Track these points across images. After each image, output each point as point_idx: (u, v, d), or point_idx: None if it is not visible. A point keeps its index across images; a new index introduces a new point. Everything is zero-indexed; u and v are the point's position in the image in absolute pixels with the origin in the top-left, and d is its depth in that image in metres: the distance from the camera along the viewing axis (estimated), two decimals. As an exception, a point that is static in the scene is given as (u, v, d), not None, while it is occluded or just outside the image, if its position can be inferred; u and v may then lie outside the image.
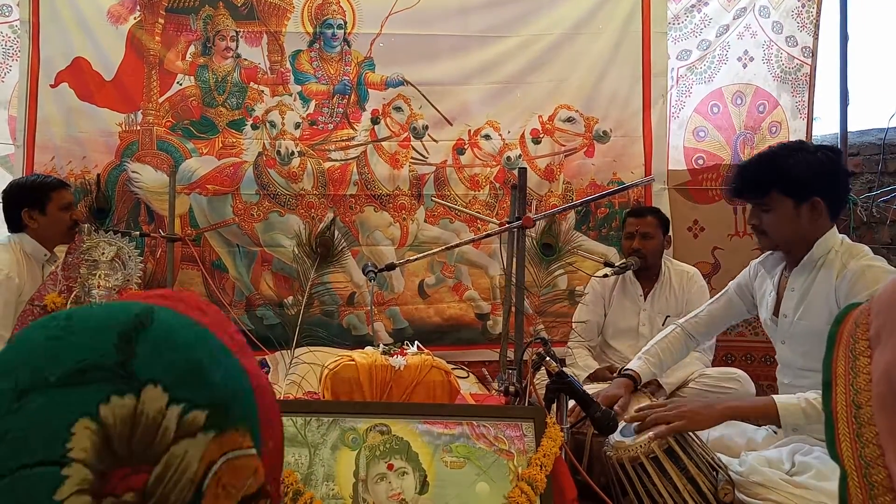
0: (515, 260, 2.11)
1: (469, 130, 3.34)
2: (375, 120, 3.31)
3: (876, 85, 3.58)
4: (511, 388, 1.97)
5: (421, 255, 2.62)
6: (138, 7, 3.17)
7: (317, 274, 2.35)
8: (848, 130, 3.40)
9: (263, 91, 3.25)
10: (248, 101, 3.24)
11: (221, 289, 3.20)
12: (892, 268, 1.69)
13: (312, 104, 3.28)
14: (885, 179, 3.39)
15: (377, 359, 1.82)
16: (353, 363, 1.81)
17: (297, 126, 3.27)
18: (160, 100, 3.20)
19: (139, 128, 3.19)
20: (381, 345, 1.98)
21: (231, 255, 3.25)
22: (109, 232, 2.23)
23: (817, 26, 3.36)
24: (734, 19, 3.41)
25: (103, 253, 2.20)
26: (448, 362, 1.95)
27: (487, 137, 3.35)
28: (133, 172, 3.18)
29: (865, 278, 1.64)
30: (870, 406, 0.56)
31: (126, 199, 3.19)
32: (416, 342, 2.03)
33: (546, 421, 1.46)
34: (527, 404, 1.85)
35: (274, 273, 3.25)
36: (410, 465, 1.40)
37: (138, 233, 2.86)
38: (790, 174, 1.71)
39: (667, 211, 3.18)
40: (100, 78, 3.16)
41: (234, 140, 3.24)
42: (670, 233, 2.93)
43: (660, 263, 2.84)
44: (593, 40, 3.33)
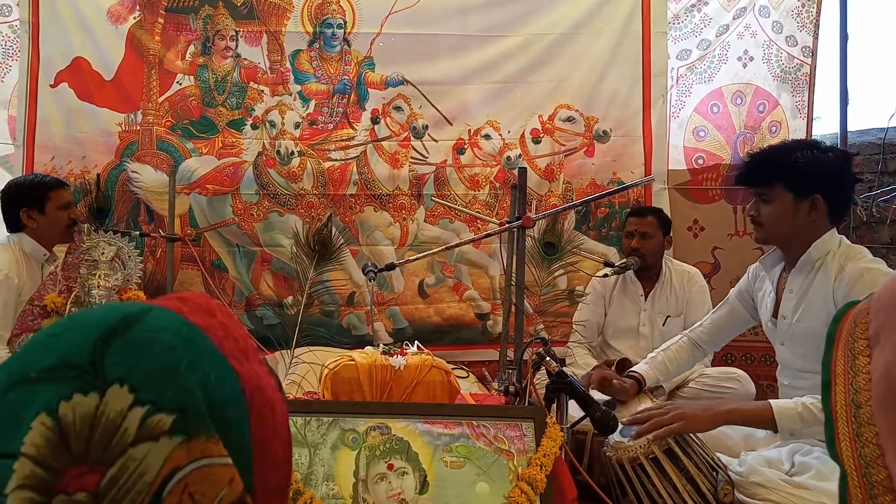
0: (515, 260, 2.11)
1: (469, 130, 3.34)
2: (375, 120, 3.30)
3: (876, 84, 3.58)
4: (511, 388, 1.97)
5: (421, 255, 2.62)
6: (138, 7, 3.17)
7: (316, 273, 2.35)
8: (848, 130, 3.40)
9: (263, 91, 3.25)
10: (248, 101, 3.24)
11: (221, 289, 3.20)
12: (891, 270, 1.69)
13: (312, 104, 3.28)
14: (885, 179, 3.39)
15: (377, 359, 1.82)
16: (353, 363, 1.80)
17: (297, 126, 3.26)
18: (160, 99, 3.20)
19: (139, 128, 3.19)
20: (381, 345, 1.97)
21: (231, 255, 3.24)
22: (109, 232, 2.22)
23: (817, 26, 3.36)
24: (734, 19, 3.41)
25: (103, 253, 2.19)
26: (448, 362, 1.94)
27: (487, 137, 3.35)
28: (133, 172, 3.17)
29: (863, 281, 1.63)
30: (869, 406, 0.56)
31: (126, 199, 3.19)
32: (416, 342, 2.02)
33: (546, 421, 1.46)
34: (527, 404, 1.84)
35: (274, 273, 3.25)
36: (410, 465, 1.40)
37: (138, 233, 2.86)
38: (795, 167, 1.71)
39: (667, 211, 3.18)
40: (99, 78, 3.16)
41: (234, 140, 3.23)
42: (671, 234, 2.93)
43: (660, 263, 2.84)
44: (593, 40, 3.33)
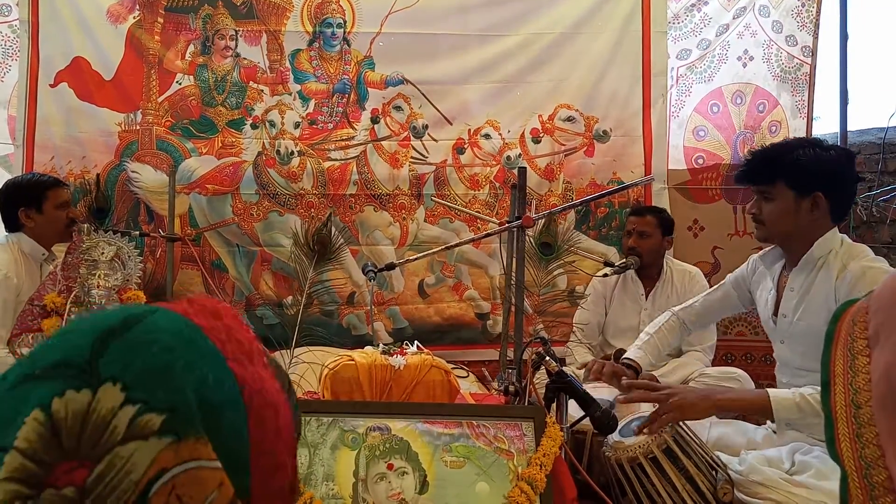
0: (515, 260, 2.11)
1: (469, 130, 3.34)
2: (375, 119, 3.30)
3: (876, 84, 3.58)
4: (511, 388, 1.97)
5: (421, 255, 2.61)
6: (137, 6, 3.17)
7: (315, 272, 2.35)
8: (848, 130, 3.40)
9: (263, 90, 3.25)
10: (248, 101, 3.24)
11: (221, 289, 3.20)
12: (893, 269, 1.69)
13: (312, 103, 3.28)
14: (885, 179, 3.38)
15: (377, 358, 1.82)
16: (353, 363, 1.80)
17: (297, 125, 3.26)
18: (159, 99, 3.20)
19: (139, 127, 3.19)
20: (381, 344, 1.97)
21: (231, 255, 3.24)
22: (109, 232, 2.22)
23: (817, 25, 3.36)
24: (734, 18, 3.41)
25: (103, 253, 2.19)
26: (448, 362, 1.94)
27: (487, 137, 3.34)
28: (133, 172, 3.17)
29: (865, 279, 1.63)
30: (869, 406, 0.55)
31: (126, 199, 3.19)
32: (416, 342, 2.02)
33: (546, 420, 1.46)
34: (527, 404, 1.84)
35: (273, 273, 3.25)
36: (410, 465, 1.40)
37: (138, 232, 2.86)
38: (797, 165, 1.71)
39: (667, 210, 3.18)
40: (99, 77, 3.16)
41: (234, 139, 3.23)
42: (673, 235, 2.91)
43: (660, 263, 2.84)
44: (593, 39, 3.33)
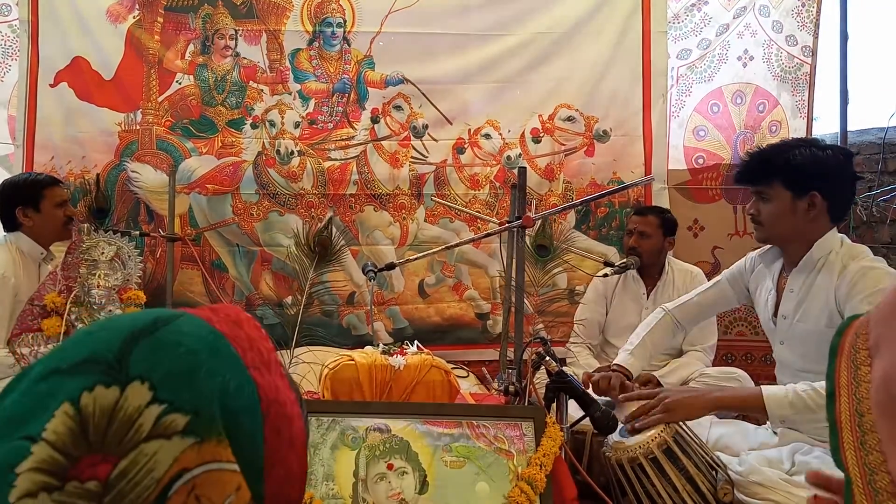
0: (515, 260, 2.10)
1: (469, 129, 3.34)
2: (375, 119, 3.30)
3: (876, 84, 3.57)
4: (511, 388, 1.97)
5: (421, 255, 2.61)
6: (137, 6, 3.16)
7: (316, 273, 2.35)
8: (848, 130, 3.40)
9: (263, 90, 3.25)
10: (248, 100, 3.23)
11: (221, 288, 3.19)
12: (892, 269, 1.68)
13: (312, 103, 3.28)
14: (885, 179, 3.38)
15: (377, 358, 1.82)
16: (353, 363, 1.80)
17: (297, 125, 3.26)
18: (159, 99, 3.20)
19: (138, 127, 3.19)
20: (381, 344, 1.97)
21: (231, 255, 3.24)
22: (109, 232, 2.22)
23: (817, 25, 3.36)
24: (734, 18, 3.40)
25: (103, 253, 2.19)
26: (448, 362, 1.94)
27: (487, 137, 3.34)
28: (132, 172, 3.17)
29: (865, 280, 1.62)
30: (871, 414, 0.56)
31: (126, 199, 3.19)
32: (416, 342, 2.02)
33: (546, 420, 1.46)
34: (526, 404, 1.84)
35: (274, 272, 3.25)
36: (410, 465, 1.40)
37: (138, 232, 2.86)
38: (792, 165, 1.71)
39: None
40: (99, 77, 3.15)
41: (234, 139, 3.23)
42: (675, 235, 2.89)
43: (662, 263, 2.84)
44: (593, 39, 3.32)
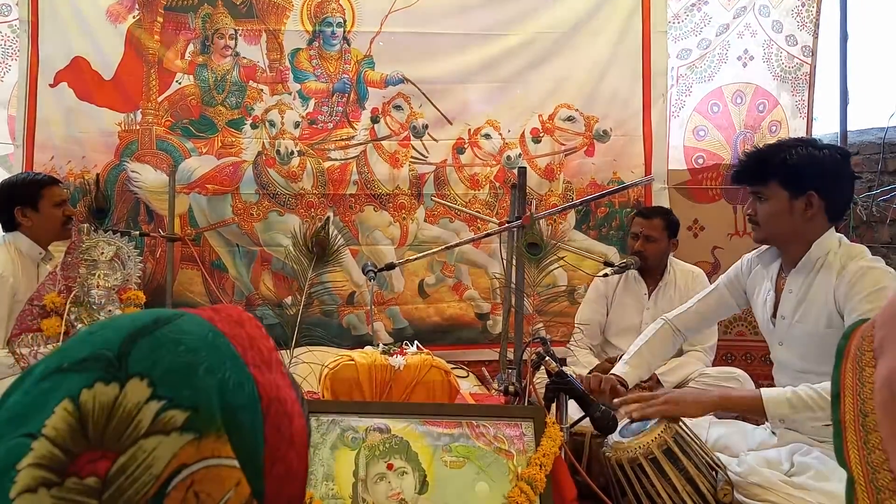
0: (515, 260, 2.10)
1: (469, 129, 3.34)
2: (375, 119, 3.30)
3: (876, 84, 3.57)
4: (511, 388, 1.97)
5: (421, 255, 2.61)
6: (137, 6, 3.16)
7: (315, 273, 2.34)
8: (848, 129, 3.40)
9: (262, 90, 3.25)
10: (248, 100, 3.23)
11: (221, 288, 3.20)
12: (891, 269, 1.68)
13: (312, 103, 3.27)
14: (885, 178, 3.38)
15: (377, 358, 1.81)
16: (353, 363, 1.80)
17: (297, 125, 3.26)
18: (159, 99, 3.20)
19: (138, 127, 3.19)
20: (381, 344, 1.97)
21: (231, 255, 3.24)
22: (108, 232, 2.22)
23: (817, 25, 3.36)
24: (734, 18, 3.40)
25: (102, 253, 2.19)
26: (448, 362, 1.94)
27: (487, 136, 3.34)
28: (132, 172, 3.17)
29: (865, 280, 1.62)
30: (874, 413, 0.57)
31: (125, 199, 3.19)
32: (416, 342, 2.02)
33: (546, 421, 1.45)
34: (526, 404, 1.84)
35: (273, 273, 3.25)
36: (410, 465, 1.39)
37: (138, 232, 2.86)
38: (789, 164, 1.70)
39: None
40: (99, 77, 3.15)
41: (234, 139, 3.23)
42: (678, 236, 2.89)
43: (665, 264, 2.84)
44: (593, 39, 3.32)
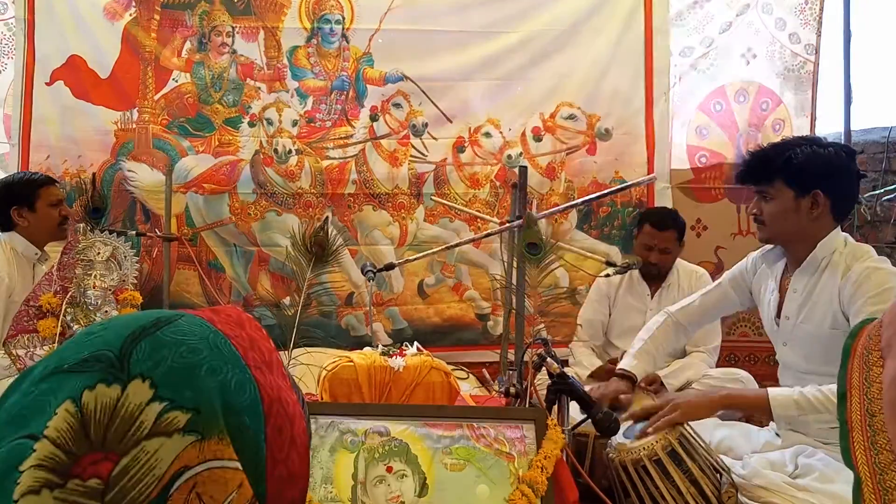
0: (515, 260, 2.08)
1: (469, 128, 3.31)
2: (374, 117, 3.28)
3: (880, 83, 3.55)
4: (512, 390, 1.95)
5: (420, 255, 2.60)
6: (133, 3, 3.14)
7: (314, 274, 2.33)
8: (852, 128, 3.38)
9: (260, 87, 3.23)
10: (245, 98, 3.21)
11: (218, 289, 3.17)
12: None
13: (310, 100, 3.25)
14: (889, 178, 3.36)
15: (376, 360, 1.80)
16: (352, 364, 1.79)
17: (295, 123, 3.24)
18: (156, 97, 3.17)
19: (135, 126, 3.17)
20: (380, 345, 1.96)
21: (228, 255, 3.22)
22: (105, 231, 2.21)
23: (820, 23, 3.34)
24: (737, 16, 3.38)
25: (99, 253, 2.18)
26: (448, 363, 1.93)
27: (488, 135, 3.32)
28: (129, 171, 3.15)
29: (870, 280, 1.61)
30: (882, 413, 0.57)
31: (122, 199, 3.17)
32: (416, 343, 2.01)
33: (547, 422, 1.44)
34: (527, 406, 1.82)
35: (271, 273, 3.23)
36: (410, 468, 1.38)
37: (134, 232, 2.86)
38: (794, 163, 1.69)
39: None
40: (95, 76, 3.13)
41: (231, 138, 3.21)
42: (685, 238, 2.86)
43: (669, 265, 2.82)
44: (595, 37, 3.30)
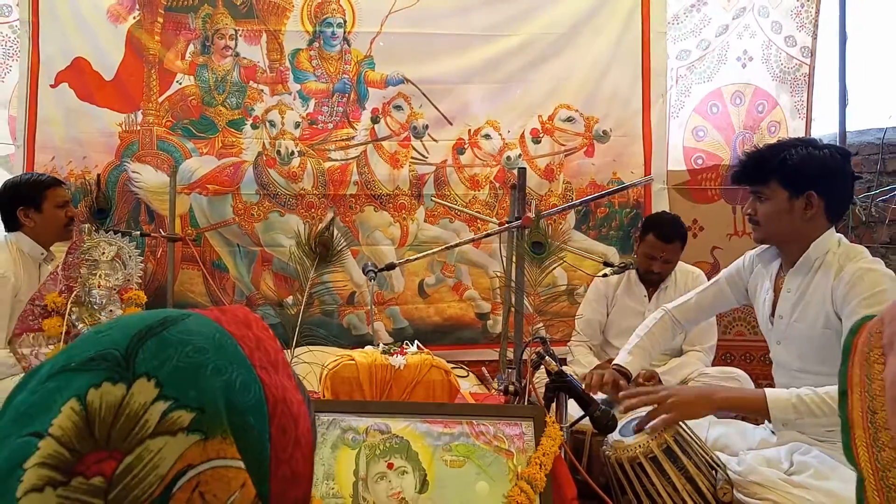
0: (515, 260, 2.11)
1: (469, 130, 3.34)
2: (375, 119, 3.31)
3: (875, 85, 3.57)
4: (511, 388, 1.97)
5: (421, 255, 2.62)
6: (137, 6, 3.17)
7: (316, 274, 2.35)
8: (847, 130, 3.40)
9: (263, 90, 3.25)
10: (248, 101, 3.24)
11: (222, 289, 3.20)
12: (890, 271, 1.68)
13: (312, 103, 3.28)
14: (884, 179, 3.38)
15: (377, 358, 1.82)
16: (353, 362, 1.80)
17: (297, 125, 3.27)
18: (160, 99, 3.20)
19: (139, 128, 3.19)
20: (381, 344, 1.97)
21: (231, 255, 3.25)
22: (110, 232, 2.22)
23: (816, 26, 3.37)
24: (733, 19, 3.41)
25: (103, 253, 2.19)
26: (448, 362, 1.93)
27: (487, 137, 3.35)
28: (133, 172, 3.18)
29: (864, 282, 1.61)
30: (884, 411, 0.57)
31: (126, 200, 3.20)
32: (416, 342, 2.02)
33: (545, 420, 1.46)
34: (526, 403, 1.84)
35: (274, 273, 3.26)
36: (410, 465, 1.40)
37: (139, 233, 2.87)
38: (789, 164, 1.70)
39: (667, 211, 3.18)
40: (99, 78, 3.16)
41: (234, 139, 3.24)
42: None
43: None
44: (593, 40, 3.33)
